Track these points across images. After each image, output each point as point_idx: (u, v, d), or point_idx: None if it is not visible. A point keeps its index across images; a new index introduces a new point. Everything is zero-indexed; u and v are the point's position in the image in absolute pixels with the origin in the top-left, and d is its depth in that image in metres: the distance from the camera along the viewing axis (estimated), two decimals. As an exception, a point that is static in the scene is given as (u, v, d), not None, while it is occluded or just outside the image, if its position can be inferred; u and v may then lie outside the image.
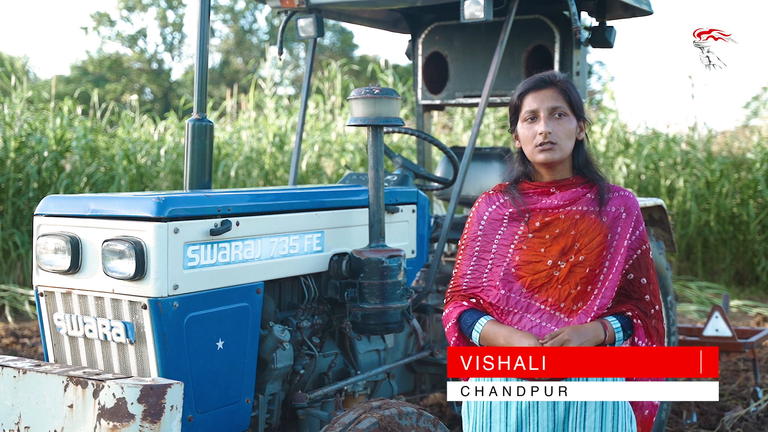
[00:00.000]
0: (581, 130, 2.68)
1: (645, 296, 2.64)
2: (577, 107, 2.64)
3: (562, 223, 2.61)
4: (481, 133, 10.69)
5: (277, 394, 3.50)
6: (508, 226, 2.66)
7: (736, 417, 5.19)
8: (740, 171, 11.01)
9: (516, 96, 2.68)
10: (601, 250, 2.58)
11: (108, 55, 30.20)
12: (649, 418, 2.70)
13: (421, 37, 5.31)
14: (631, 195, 2.69)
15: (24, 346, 7.34)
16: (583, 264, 2.56)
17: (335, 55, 26.31)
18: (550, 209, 2.63)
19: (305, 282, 3.62)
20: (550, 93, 2.62)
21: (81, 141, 10.05)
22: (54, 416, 2.86)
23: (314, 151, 10.95)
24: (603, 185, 2.66)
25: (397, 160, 4.36)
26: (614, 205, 2.64)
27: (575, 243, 2.58)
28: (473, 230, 2.72)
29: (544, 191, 2.66)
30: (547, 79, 2.64)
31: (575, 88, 2.67)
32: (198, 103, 3.52)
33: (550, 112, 2.60)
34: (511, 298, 2.59)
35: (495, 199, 2.73)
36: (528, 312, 2.58)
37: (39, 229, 3.24)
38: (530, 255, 2.60)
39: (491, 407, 2.59)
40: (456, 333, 2.68)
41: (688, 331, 5.94)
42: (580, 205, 2.63)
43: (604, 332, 2.55)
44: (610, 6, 4.70)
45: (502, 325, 2.59)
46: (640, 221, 2.67)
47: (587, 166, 2.69)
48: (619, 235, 2.61)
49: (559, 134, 2.60)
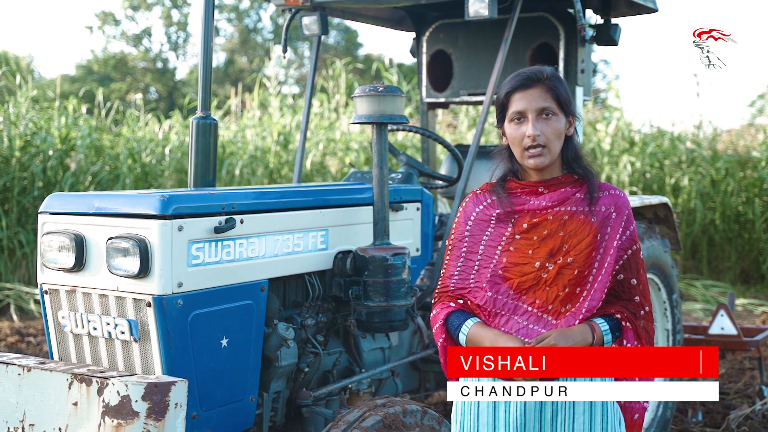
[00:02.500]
0: (570, 125, 2.61)
1: (635, 297, 2.59)
2: (565, 104, 2.57)
3: (551, 224, 2.56)
4: (486, 131, 10.68)
5: (281, 392, 3.50)
6: (496, 227, 2.62)
7: (741, 415, 5.18)
8: (745, 169, 10.99)
9: (503, 94, 2.61)
10: (590, 252, 2.53)
11: (113, 54, 30.24)
12: (639, 422, 2.66)
13: (426, 35, 5.31)
14: (621, 194, 2.63)
15: (29, 345, 7.35)
16: (572, 266, 2.52)
17: (340, 54, 26.30)
18: (538, 210, 2.58)
19: (309, 280, 3.62)
20: (537, 92, 2.55)
21: (86, 140, 10.06)
22: (58, 414, 2.86)
23: (319, 150, 10.95)
24: (593, 183, 2.60)
25: (402, 158, 4.36)
26: (604, 204, 2.59)
27: (564, 244, 2.54)
28: (460, 230, 2.68)
29: (533, 191, 2.61)
30: (534, 76, 2.57)
31: (563, 84, 2.60)
32: (202, 102, 3.52)
33: (537, 113, 2.54)
34: (498, 300, 2.55)
35: (482, 198, 2.68)
36: (515, 314, 2.55)
37: (43, 226, 3.24)
38: (518, 257, 2.56)
39: (479, 409, 2.55)
40: (443, 334, 2.63)
41: (693, 330, 5.94)
42: (569, 205, 2.58)
43: (592, 335, 2.51)
44: (615, 3, 4.70)
45: (488, 328, 2.55)
46: (630, 221, 2.61)
47: (577, 161, 2.63)
48: (608, 235, 2.56)
49: (547, 135, 2.53)
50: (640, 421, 2.66)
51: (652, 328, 2.63)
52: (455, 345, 2.61)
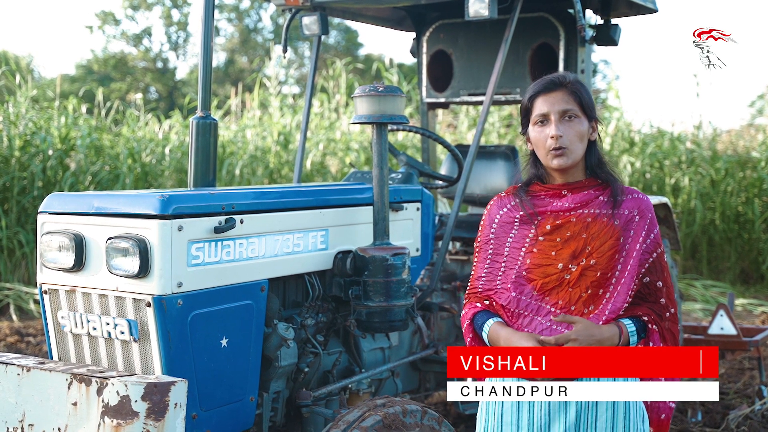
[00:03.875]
0: (593, 131, 2.66)
1: (660, 299, 2.62)
2: (588, 108, 2.62)
3: (574, 226, 2.59)
4: (486, 132, 10.69)
5: (281, 392, 3.50)
6: (519, 229, 2.65)
7: (741, 415, 5.18)
8: (745, 169, 11.00)
9: (526, 98, 2.66)
10: (612, 254, 2.56)
11: (113, 54, 30.24)
12: (666, 422, 2.69)
13: (426, 35, 5.30)
14: (645, 198, 2.66)
15: (28, 345, 7.35)
16: (595, 267, 2.55)
17: (340, 54, 26.30)
18: (561, 212, 2.62)
19: (309, 280, 3.62)
20: (560, 95, 2.59)
21: (86, 140, 10.06)
22: (58, 414, 2.86)
23: (319, 150, 10.95)
24: (616, 187, 2.64)
25: (402, 158, 4.36)
26: (627, 207, 2.62)
27: (586, 246, 2.56)
28: (486, 233, 2.72)
29: (556, 193, 2.64)
30: (558, 80, 2.62)
31: (586, 89, 2.65)
32: (202, 102, 3.52)
33: (560, 115, 2.58)
34: (522, 301, 2.59)
35: (506, 201, 2.72)
36: (538, 314, 2.57)
37: (43, 226, 3.24)
38: (541, 258, 2.59)
39: (503, 410, 2.59)
40: (471, 333, 2.69)
41: (693, 330, 5.94)
42: (592, 207, 2.61)
43: (619, 336, 2.53)
44: (615, 4, 4.70)
45: (505, 327, 2.58)
46: (654, 224, 2.64)
47: (600, 166, 2.67)
48: (631, 238, 2.59)
49: (570, 137, 2.57)
50: (667, 421, 2.71)
51: (677, 330, 2.66)
52: (481, 344, 2.66)
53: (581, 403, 2.52)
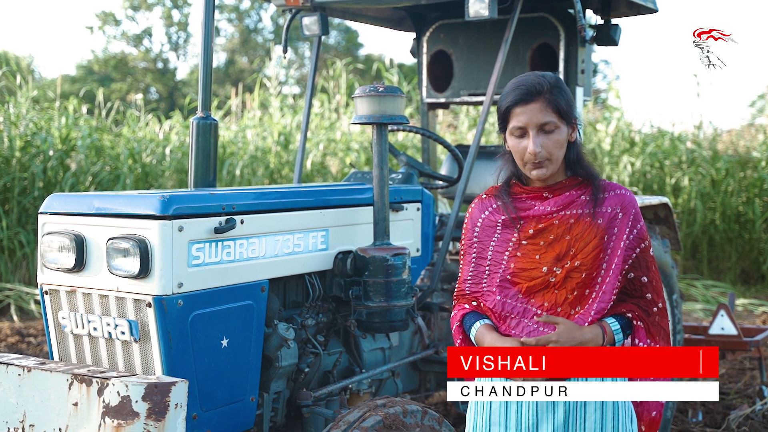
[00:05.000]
0: (573, 131, 2.59)
1: (646, 295, 2.60)
2: (566, 114, 2.54)
3: (557, 228, 2.56)
4: (486, 132, 10.68)
5: (281, 393, 3.50)
6: (502, 232, 2.63)
7: (741, 416, 5.18)
8: (746, 169, 10.99)
9: (503, 107, 2.58)
10: (597, 254, 2.53)
11: (113, 55, 30.24)
12: (657, 419, 2.68)
13: (426, 35, 5.31)
14: (627, 193, 2.61)
15: (29, 345, 7.35)
16: (579, 269, 2.52)
17: (340, 54, 26.31)
18: (543, 215, 2.58)
19: (310, 280, 3.62)
20: (537, 106, 2.51)
21: (86, 140, 10.06)
22: (58, 414, 2.86)
23: (319, 150, 10.95)
24: (597, 183, 2.59)
25: (402, 158, 4.36)
26: (610, 205, 2.57)
27: (570, 248, 2.53)
28: (469, 236, 2.70)
29: (537, 196, 2.61)
30: (534, 90, 2.52)
31: (563, 92, 2.55)
32: (202, 102, 3.52)
33: (538, 129, 2.51)
34: (507, 304, 2.57)
35: (488, 204, 2.69)
36: (524, 317, 2.56)
37: (44, 227, 3.24)
38: (525, 262, 2.57)
39: (491, 409, 2.58)
40: (461, 335, 2.69)
41: (693, 330, 5.94)
42: (575, 208, 2.57)
43: (603, 336, 2.52)
44: (615, 4, 4.70)
45: (490, 330, 2.58)
46: (638, 219, 2.60)
47: (579, 162, 2.62)
48: (615, 236, 2.55)
49: (549, 149, 2.51)
50: (658, 418, 2.68)
51: (666, 324, 2.63)
52: (470, 345, 2.65)
53: (569, 403, 2.51)
